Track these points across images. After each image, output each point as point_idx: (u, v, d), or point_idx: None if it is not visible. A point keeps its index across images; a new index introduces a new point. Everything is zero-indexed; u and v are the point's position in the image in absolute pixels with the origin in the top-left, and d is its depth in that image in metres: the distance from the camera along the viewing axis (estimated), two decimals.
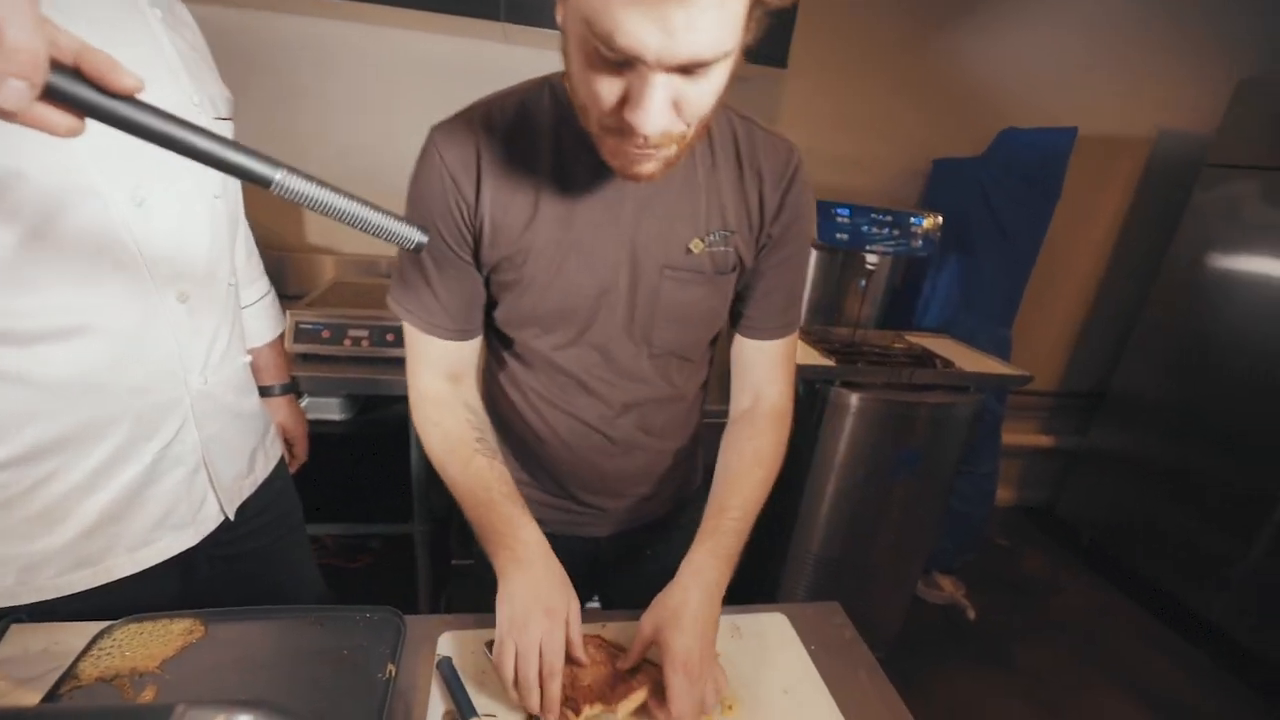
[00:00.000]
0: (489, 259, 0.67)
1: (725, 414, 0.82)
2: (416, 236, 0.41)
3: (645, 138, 0.49)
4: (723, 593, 0.66)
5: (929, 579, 2.17)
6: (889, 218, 1.67)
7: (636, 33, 0.43)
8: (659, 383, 0.76)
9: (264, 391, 1.01)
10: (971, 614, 2.06)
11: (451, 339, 0.71)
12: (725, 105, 0.79)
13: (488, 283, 0.70)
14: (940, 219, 1.75)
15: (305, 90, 1.70)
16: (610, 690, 0.61)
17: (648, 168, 0.55)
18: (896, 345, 1.76)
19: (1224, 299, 2.07)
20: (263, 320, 1.00)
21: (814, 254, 1.81)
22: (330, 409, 1.66)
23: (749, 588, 1.82)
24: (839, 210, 1.62)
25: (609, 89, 0.48)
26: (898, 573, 1.75)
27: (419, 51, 1.72)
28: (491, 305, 0.72)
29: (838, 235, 1.61)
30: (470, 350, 0.74)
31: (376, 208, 0.40)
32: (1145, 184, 2.39)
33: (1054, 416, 2.71)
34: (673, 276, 0.68)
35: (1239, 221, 2.04)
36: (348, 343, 1.44)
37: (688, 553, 0.67)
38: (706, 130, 0.59)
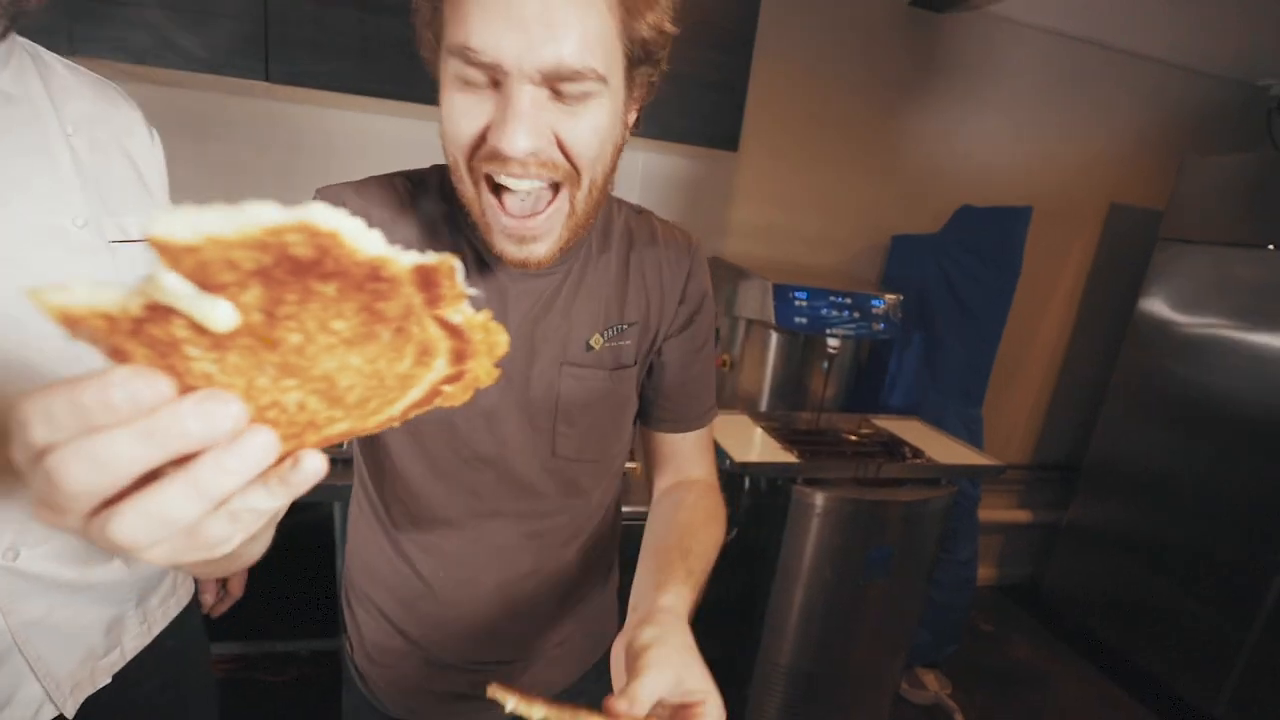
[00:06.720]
0: None
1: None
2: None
3: (521, 164, 0.44)
4: None
5: (911, 676, 2.01)
6: (848, 300, 1.61)
7: (492, 34, 0.41)
8: (560, 501, 0.67)
9: None
10: (959, 718, 1.90)
11: None
12: (619, 200, 0.70)
13: None
14: (901, 299, 1.70)
15: (242, 166, 1.64)
16: None
17: (537, 250, 0.49)
18: (863, 430, 1.68)
19: (1191, 367, 2.05)
20: None
21: (775, 337, 1.74)
22: None
23: None
24: (797, 294, 1.56)
25: (474, 113, 0.44)
26: (878, 677, 1.60)
27: (354, 130, 1.68)
28: None
29: (796, 319, 1.54)
30: None
31: None
32: (1101, 256, 2.42)
33: (1030, 490, 2.63)
34: (572, 374, 0.62)
35: (1195, 292, 2.05)
36: None
37: (657, 591, 0.52)
38: (597, 212, 0.54)
